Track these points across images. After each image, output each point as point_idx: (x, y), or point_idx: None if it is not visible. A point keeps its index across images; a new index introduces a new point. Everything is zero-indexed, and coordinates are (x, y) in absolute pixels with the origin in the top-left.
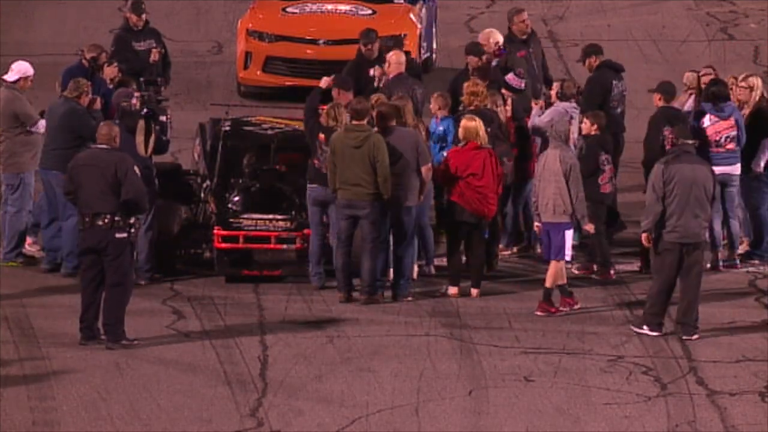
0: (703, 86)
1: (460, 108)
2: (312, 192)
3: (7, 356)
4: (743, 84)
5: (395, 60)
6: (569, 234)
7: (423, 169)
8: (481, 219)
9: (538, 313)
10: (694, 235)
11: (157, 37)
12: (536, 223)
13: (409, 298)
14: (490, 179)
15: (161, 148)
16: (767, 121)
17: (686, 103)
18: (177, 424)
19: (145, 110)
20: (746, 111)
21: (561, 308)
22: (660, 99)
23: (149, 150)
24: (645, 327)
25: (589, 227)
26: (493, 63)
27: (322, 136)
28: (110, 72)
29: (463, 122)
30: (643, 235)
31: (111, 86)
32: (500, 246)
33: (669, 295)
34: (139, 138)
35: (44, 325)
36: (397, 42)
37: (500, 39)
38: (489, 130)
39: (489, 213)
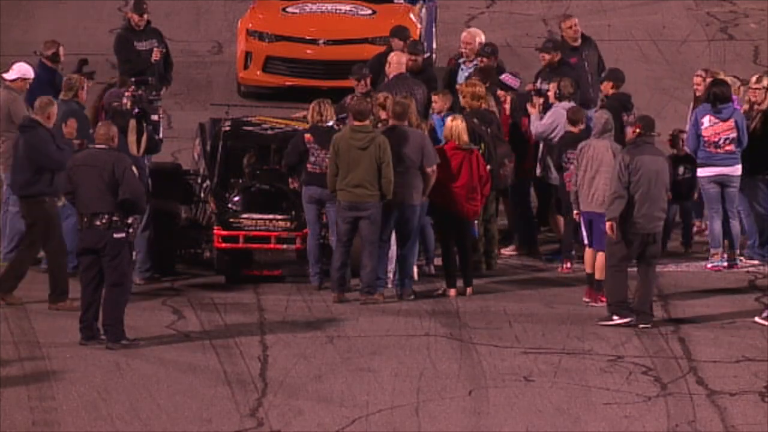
0: (696, 91)
1: (467, 110)
2: (308, 190)
3: (7, 356)
4: (757, 86)
5: (396, 61)
6: None
7: (428, 171)
8: (463, 219)
9: (586, 299)
10: (654, 226)
11: (158, 37)
12: (575, 212)
13: (411, 297)
14: (467, 180)
15: (153, 147)
16: None
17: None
18: (177, 424)
19: (136, 110)
20: (759, 109)
21: (586, 299)
22: (612, 87)
23: (141, 149)
24: (615, 317)
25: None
26: (474, 62)
27: (308, 136)
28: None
29: (447, 121)
30: (608, 224)
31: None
32: (512, 246)
33: (626, 280)
34: (131, 137)
35: (44, 325)
36: (493, 50)
37: (483, 38)
38: (489, 130)
39: (469, 213)
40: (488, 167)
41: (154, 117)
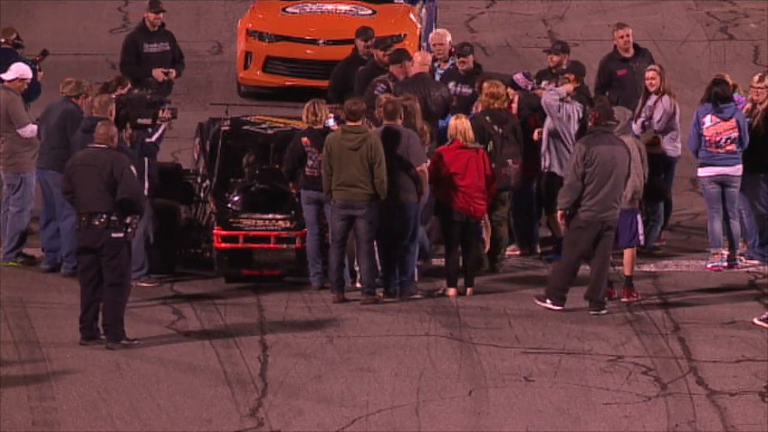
0: (650, 85)
1: (482, 108)
2: (306, 192)
3: (7, 356)
4: (759, 85)
5: (420, 60)
6: (640, 218)
7: (417, 170)
8: (469, 218)
9: (624, 300)
10: (609, 214)
11: (171, 39)
12: None
13: (417, 296)
14: (474, 179)
15: (144, 150)
16: None
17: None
18: (177, 424)
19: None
20: (761, 108)
21: (623, 299)
22: (574, 80)
23: None
24: (548, 301)
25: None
26: (450, 62)
27: (306, 139)
28: None
29: (451, 121)
30: (559, 213)
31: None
32: (513, 246)
33: (575, 272)
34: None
35: (44, 325)
36: (471, 48)
37: (450, 38)
38: (501, 131)
39: (476, 212)
40: (492, 166)
41: (144, 120)
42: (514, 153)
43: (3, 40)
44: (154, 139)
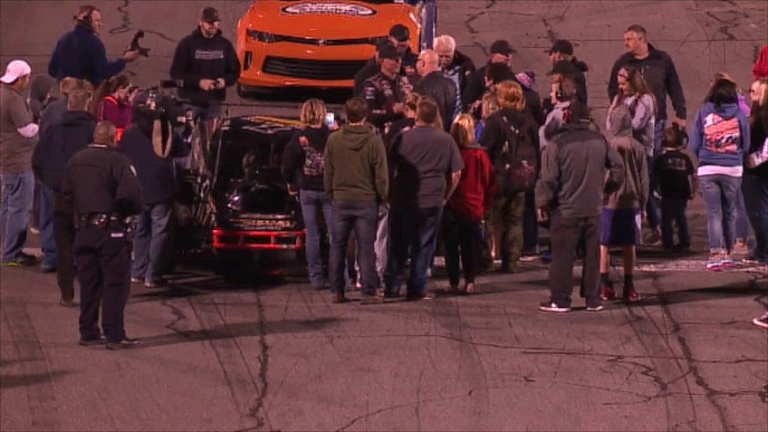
0: (623, 90)
1: (499, 108)
2: (305, 192)
3: (7, 356)
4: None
5: (428, 59)
6: (639, 218)
7: (453, 175)
8: (466, 219)
9: (624, 299)
10: (589, 209)
11: (226, 48)
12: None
13: (426, 297)
14: (471, 180)
15: (179, 149)
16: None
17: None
18: (177, 424)
19: (162, 110)
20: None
21: (623, 298)
22: (559, 56)
23: (166, 151)
24: (553, 305)
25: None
26: (455, 68)
27: (304, 139)
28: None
29: (455, 121)
30: (539, 211)
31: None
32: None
33: (571, 271)
34: (156, 139)
35: (44, 325)
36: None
37: (455, 44)
38: (518, 132)
39: (471, 214)
40: (507, 167)
41: (181, 119)
42: (530, 154)
43: (78, 17)
44: (189, 139)
